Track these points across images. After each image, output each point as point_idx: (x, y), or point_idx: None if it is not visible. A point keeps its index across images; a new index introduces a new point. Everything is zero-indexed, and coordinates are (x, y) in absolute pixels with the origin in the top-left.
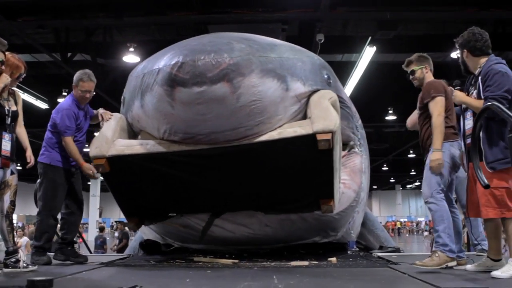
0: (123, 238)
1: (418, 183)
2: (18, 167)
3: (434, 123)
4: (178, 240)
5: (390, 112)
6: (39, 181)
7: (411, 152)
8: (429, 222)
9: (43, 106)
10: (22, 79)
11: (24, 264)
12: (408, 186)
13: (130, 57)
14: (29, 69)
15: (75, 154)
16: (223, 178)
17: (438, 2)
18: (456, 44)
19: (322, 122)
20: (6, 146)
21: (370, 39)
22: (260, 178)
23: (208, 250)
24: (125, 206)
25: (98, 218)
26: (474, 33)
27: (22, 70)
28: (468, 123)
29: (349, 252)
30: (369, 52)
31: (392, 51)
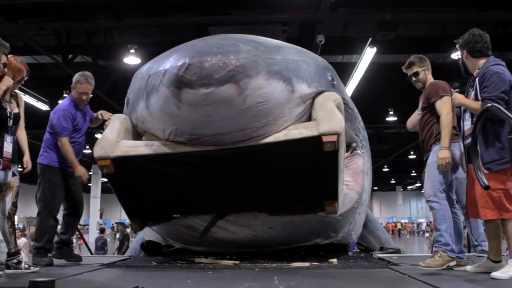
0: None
1: (418, 184)
2: (19, 168)
3: (443, 121)
4: (179, 242)
5: (391, 113)
6: (38, 182)
7: (411, 153)
8: (430, 224)
9: (44, 107)
10: (24, 81)
11: (26, 266)
12: (408, 187)
13: (130, 58)
14: (30, 71)
15: (70, 155)
16: (228, 179)
17: (438, 3)
18: (456, 45)
19: (328, 124)
20: (8, 148)
21: (370, 40)
22: (264, 179)
23: (210, 252)
24: (128, 207)
25: (99, 220)
26: (474, 34)
27: (25, 73)
28: (467, 124)
29: (350, 254)
30: (369, 53)
31: (392, 52)
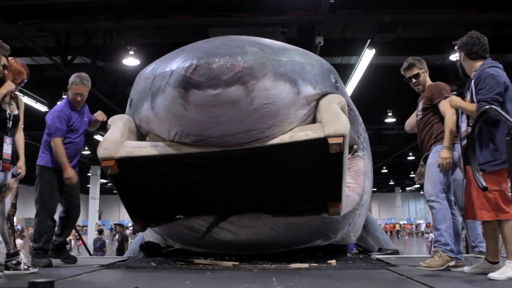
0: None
1: (417, 186)
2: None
3: (447, 122)
4: (180, 242)
5: (390, 114)
6: (36, 183)
7: (410, 154)
8: (429, 225)
9: (43, 109)
10: (24, 84)
11: (25, 266)
12: (407, 189)
13: (130, 60)
14: (29, 72)
15: (61, 156)
16: (233, 181)
17: (437, 4)
18: (455, 47)
19: (334, 126)
20: (7, 149)
21: (369, 41)
22: (269, 181)
23: (209, 253)
24: (132, 207)
25: (98, 221)
26: (472, 36)
27: (25, 75)
28: (463, 126)
29: (348, 255)
30: (368, 55)
31: (391, 54)
